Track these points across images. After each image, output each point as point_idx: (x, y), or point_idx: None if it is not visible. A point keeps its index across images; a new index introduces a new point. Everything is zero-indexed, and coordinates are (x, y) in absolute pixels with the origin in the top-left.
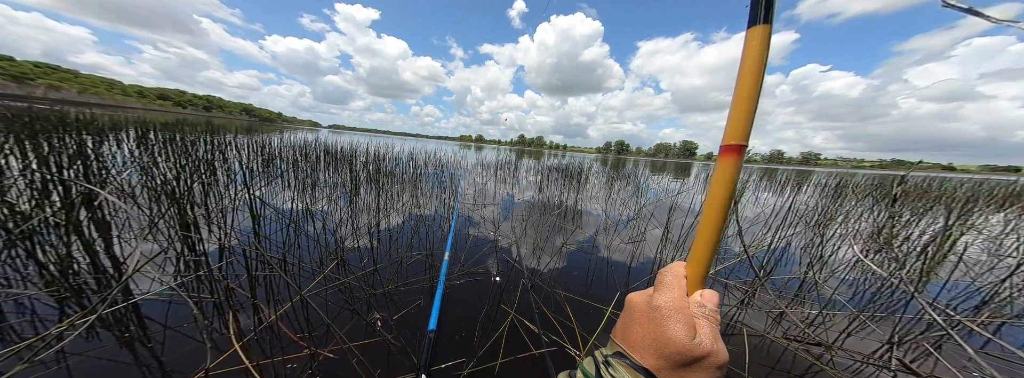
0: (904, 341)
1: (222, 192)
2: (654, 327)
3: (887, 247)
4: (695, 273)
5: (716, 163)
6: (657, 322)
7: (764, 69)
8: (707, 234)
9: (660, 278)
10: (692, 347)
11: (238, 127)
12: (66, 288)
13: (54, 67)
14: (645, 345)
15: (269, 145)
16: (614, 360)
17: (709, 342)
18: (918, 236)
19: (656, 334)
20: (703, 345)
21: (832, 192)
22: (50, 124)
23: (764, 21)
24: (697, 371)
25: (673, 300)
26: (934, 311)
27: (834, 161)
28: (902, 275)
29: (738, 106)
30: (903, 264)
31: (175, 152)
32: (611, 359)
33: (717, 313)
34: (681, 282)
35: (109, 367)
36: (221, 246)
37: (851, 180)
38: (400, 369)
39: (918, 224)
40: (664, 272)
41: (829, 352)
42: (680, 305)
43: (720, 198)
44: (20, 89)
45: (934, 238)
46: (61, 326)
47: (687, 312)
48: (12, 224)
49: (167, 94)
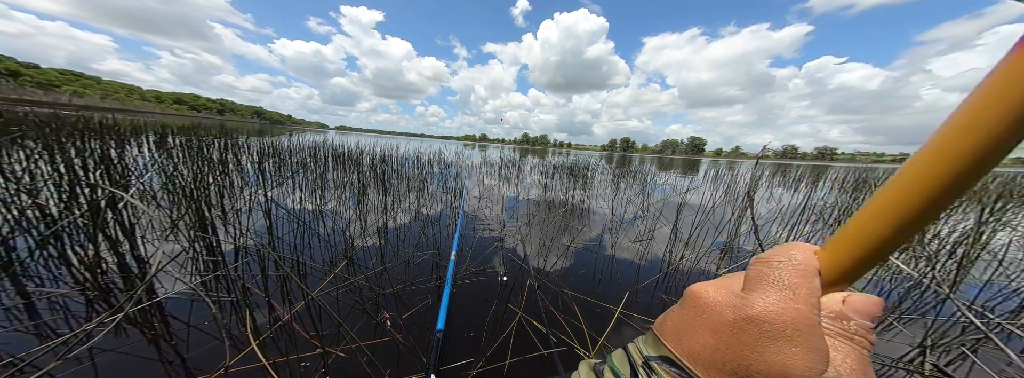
0: (938, 345)
1: (236, 194)
2: (745, 347)
3: (917, 245)
4: (840, 265)
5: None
6: (752, 342)
7: None
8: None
9: (763, 269)
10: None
11: (250, 130)
12: (95, 287)
13: (78, 74)
14: (719, 364)
15: (280, 147)
16: (659, 367)
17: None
18: (949, 233)
19: (747, 358)
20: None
21: (851, 187)
22: (76, 129)
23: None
24: None
25: (794, 310)
26: (971, 313)
27: (852, 156)
28: (934, 275)
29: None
30: (934, 263)
31: (191, 155)
32: (655, 363)
33: (871, 334)
34: (812, 281)
35: (137, 363)
36: (236, 246)
37: (871, 175)
38: (409, 368)
39: (948, 221)
40: (775, 259)
41: None
42: (806, 318)
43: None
44: (47, 96)
45: (966, 236)
46: (91, 324)
47: (817, 330)
48: (43, 226)
49: (182, 98)
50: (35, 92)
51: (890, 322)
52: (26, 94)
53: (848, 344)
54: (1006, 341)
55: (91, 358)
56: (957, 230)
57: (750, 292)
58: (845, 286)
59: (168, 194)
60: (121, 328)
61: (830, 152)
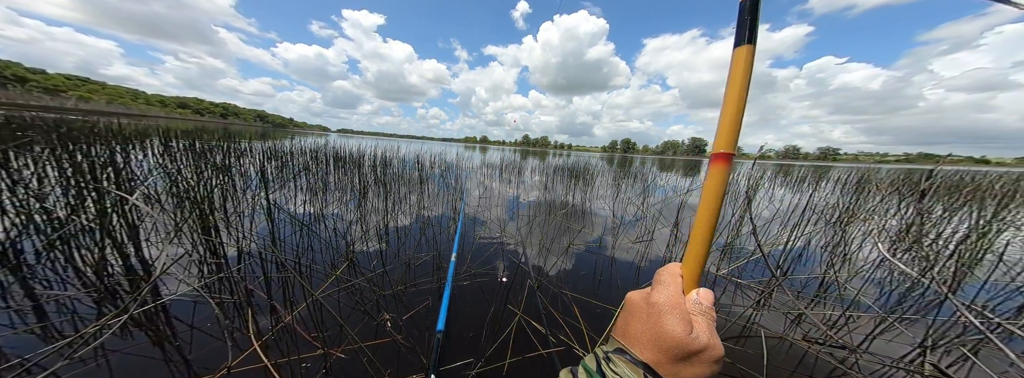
0: (937, 345)
1: (239, 196)
2: (652, 323)
3: (916, 245)
4: (691, 272)
5: (708, 170)
6: (655, 318)
7: (749, 84)
8: (701, 235)
9: (657, 277)
10: (689, 341)
11: (252, 133)
12: (102, 289)
13: (84, 79)
14: (644, 340)
15: (282, 150)
16: (614, 356)
17: (706, 337)
18: (950, 234)
19: (655, 329)
20: (700, 339)
21: (853, 188)
22: (82, 134)
23: (748, 42)
24: (695, 365)
25: (670, 297)
26: (970, 313)
27: (855, 156)
28: (934, 275)
29: (726, 118)
30: (933, 263)
31: (195, 158)
32: (612, 355)
33: (713, 311)
34: (677, 280)
35: (143, 364)
36: (239, 249)
37: (875, 175)
38: (410, 369)
39: (950, 221)
40: (661, 272)
41: (854, 355)
42: (676, 301)
43: (712, 202)
44: (53, 101)
45: (967, 236)
46: (96, 325)
47: (683, 308)
48: (50, 229)
49: (186, 103)
50: (41, 97)
51: (890, 322)
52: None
53: (702, 317)
54: (1007, 342)
55: (96, 359)
56: (959, 230)
57: (652, 291)
58: (697, 284)
59: (172, 197)
60: (127, 330)
61: (832, 153)
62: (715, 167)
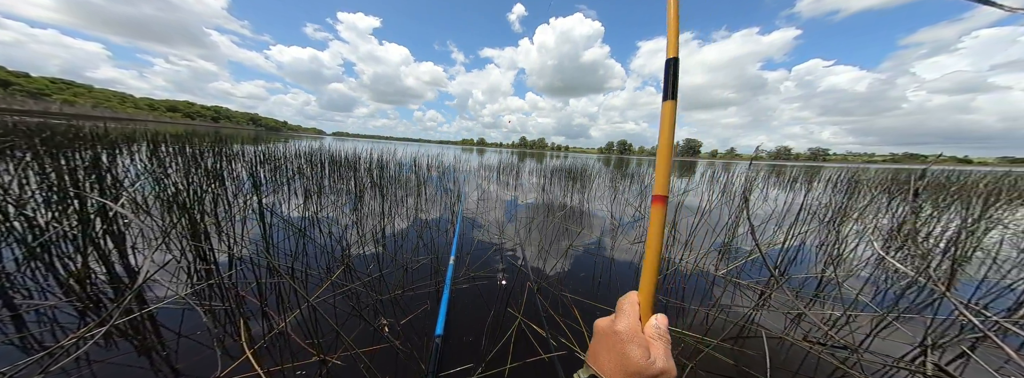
0: (938, 344)
1: (231, 201)
2: (617, 351)
3: (910, 244)
4: (646, 300)
5: (650, 211)
6: (619, 347)
7: (674, 134)
8: (651, 266)
9: (619, 306)
10: (647, 366)
11: (245, 137)
12: (85, 298)
13: (69, 83)
14: (611, 367)
15: (275, 154)
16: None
17: (662, 361)
18: (941, 232)
19: (619, 357)
20: (656, 364)
21: (846, 188)
22: (65, 139)
23: (672, 98)
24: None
25: (630, 326)
26: (968, 311)
27: (844, 156)
28: (930, 273)
29: (660, 165)
30: (928, 262)
31: (185, 163)
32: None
33: (668, 334)
34: (635, 309)
35: (129, 374)
36: (230, 255)
37: (865, 175)
38: (409, 375)
39: (940, 220)
40: (622, 301)
41: (855, 355)
42: (636, 329)
43: (656, 238)
44: (37, 105)
45: (958, 234)
46: (76, 335)
47: (641, 336)
48: (31, 237)
49: (176, 106)
50: (25, 101)
51: (889, 321)
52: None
53: (660, 341)
54: (1003, 338)
55: (79, 369)
56: (949, 228)
57: (616, 319)
58: (652, 310)
59: (160, 203)
60: (111, 339)
61: (823, 153)
62: (655, 208)
